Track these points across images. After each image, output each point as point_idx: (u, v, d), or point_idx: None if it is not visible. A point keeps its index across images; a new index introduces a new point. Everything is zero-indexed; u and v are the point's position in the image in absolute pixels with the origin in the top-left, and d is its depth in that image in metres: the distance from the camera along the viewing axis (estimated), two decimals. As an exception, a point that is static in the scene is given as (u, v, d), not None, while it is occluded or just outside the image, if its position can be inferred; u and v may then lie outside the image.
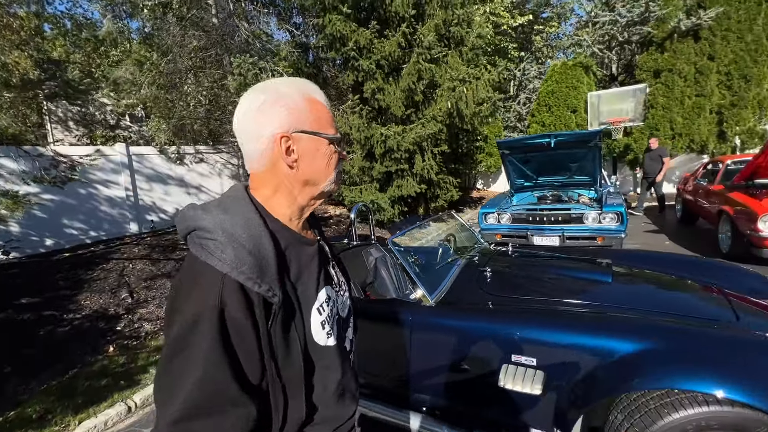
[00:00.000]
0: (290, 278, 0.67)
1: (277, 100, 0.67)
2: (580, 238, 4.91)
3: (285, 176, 0.69)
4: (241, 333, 0.59)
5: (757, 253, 4.39)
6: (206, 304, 0.57)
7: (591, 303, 1.87)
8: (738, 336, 1.51)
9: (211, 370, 0.57)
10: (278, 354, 0.64)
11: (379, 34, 6.20)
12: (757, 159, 4.69)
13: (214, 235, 0.59)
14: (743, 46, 8.10)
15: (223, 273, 0.58)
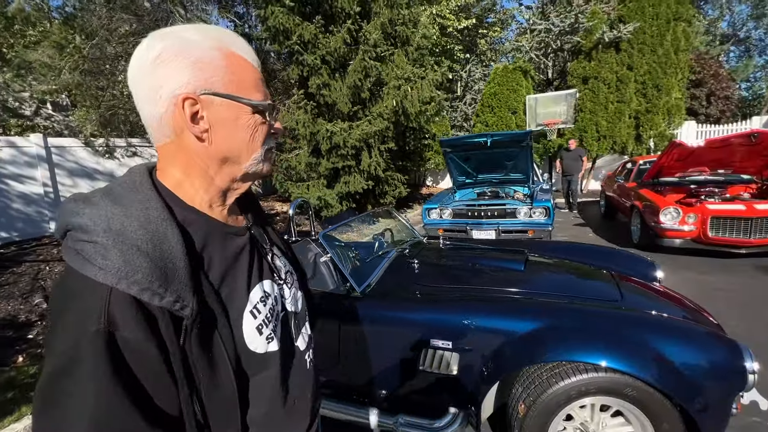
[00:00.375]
0: (210, 280, 0.53)
1: (180, 50, 0.50)
2: (513, 232, 5.25)
3: (195, 152, 0.54)
4: (143, 359, 0.45)
5: (660, 242, 4.98)
6: (85, 331, 0.43)
7: (504, 289, 2.04)
8: (618, 313, 1.74)
9: (103, 410, 0.42)
10: (200, 375, 0.50)
11: (324, 29, 6.15)
12: (660, 160, 5.31)
13: (93, 236, 0.45)
14: (656, 58, 9.08)
15: (109, 286, 0.44)
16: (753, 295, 3.60)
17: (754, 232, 4.37)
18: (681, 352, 1.47)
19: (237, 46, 0.55)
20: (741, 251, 4.51)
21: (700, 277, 4.17)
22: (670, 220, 4.73)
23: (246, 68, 0.56)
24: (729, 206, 4.50)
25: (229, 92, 0.53)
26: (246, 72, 0.56)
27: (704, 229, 4.58)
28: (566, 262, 2.49)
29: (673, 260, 4.78)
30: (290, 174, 7.11)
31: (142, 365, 0.45)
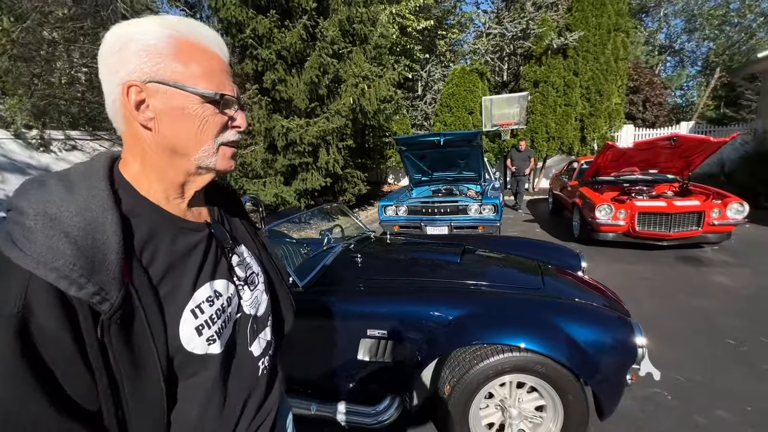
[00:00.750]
0: (150, 275, 0.51)
1: (132, 38, 0.50)
2: (465, 227, 5.47)
3: (145, 141, 0.54)
4: (57, 349, 0.44)
5: (596, 236, 5.39)
6: (4, 313, 0.42)
7: (439, 280, 2.17)
8: (534, 300, 1.90)
9: (10, 398, 0.41)
10: (118, 371, 0.47)
11: (280, 24, 6.06)
12: (596, 160, 5.74)
13: (24, 219, 0.44)
14: (598, 65, 9.75)
15: (29, 271, 0.43)
16: (669, 282, 4.01)
17: (673, 226, 4.85)
18: (583, 332, 1.65)
19: (195, 35, 0.54)
20: (663, 243, 5.00)
21: (628, 267, 4.57)
22: (604, 215, 5.13)
23: (202, 57, 0.54)
24: (653, 203, 4.95)
25: (176, 81, 0.52)
26: (201, 61, 0.54)
27: (633, 224, 5.01)
28: (500, 254, 2.67)
29: (608, 252, 5.20)
30: (246, 170, 6.95)
31: (55, 355, 0.44)
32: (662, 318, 3.19)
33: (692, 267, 4.44)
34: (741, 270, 4.25)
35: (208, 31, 0.57)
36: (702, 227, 4.80)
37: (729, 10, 24.67)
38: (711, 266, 4.43)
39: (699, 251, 5.03)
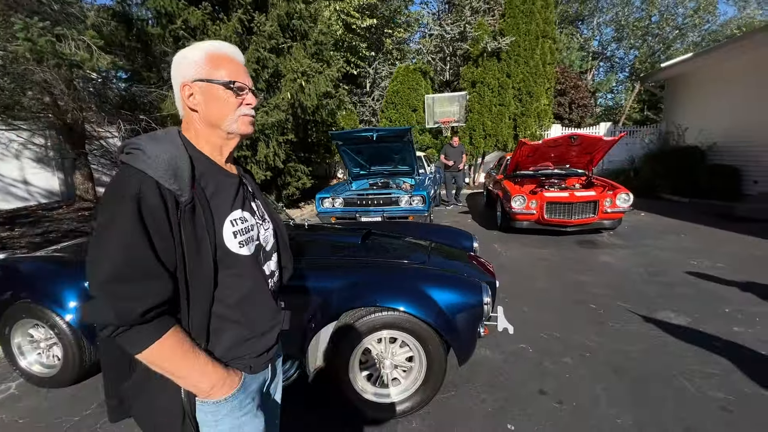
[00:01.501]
0: (205, 191, 0.82)
1: (185, 57, 0.84)
2: (397, 218, 5.83)
3: (195, 119, 0.86)
4: (156, 217, 0.73)
5: (514, 225, 5.98)
6: (128, 193, 0.72)
7: (339, 257, 2.46)
8: (414, 270, 2.25)
9: (131, 242, 0.71)
10: (188, 245, 0.77)
11: (214, 16, 6.03)
12: (514, 156, 6.35)
13: (140, 147, 0.76)
14: (528, 69, 10.56)
15: (144, 171, 0.74)
16: (563, 262, 4.61)
17: (574, 213, 5.53)
18: (441, 295, 2.00)
19: (219, 49, 0.86)
20: (568, 229, 5.68)
21: (534, 250, 5.16)
22: (518, 205, 5.72)
23: (223, 62, 0.85)
24: (558, 194, 5.60)
25: (207, 77, 0.83)
26: (223, 64, 0.85)
27: (542, 213, 5.65)
28: (399, 236, 3.01)
29: (522, 239, 5.80)
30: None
31: (154, 221, 0.73)
32: (548, 291, 3.73)
33: (586, 249, 5.12)
34: (623, 251, 4.97)
35: (229, 46, 0.89)
36: (597, 214, 5.52)
37: (651, 22, 27.18)
38: (601, 248, 5.13)
39: (597, 236, 5.77)
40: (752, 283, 3.65)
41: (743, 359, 2.42)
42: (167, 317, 0.77)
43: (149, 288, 0.73)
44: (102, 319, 0.72)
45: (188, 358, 0.79)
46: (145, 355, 0.76)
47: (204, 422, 0.85)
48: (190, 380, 0.81)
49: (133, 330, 0.73)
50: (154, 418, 0.87)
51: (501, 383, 2.30)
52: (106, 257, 0.71)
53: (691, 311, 3.12)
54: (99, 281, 0.71)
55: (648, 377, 2.29)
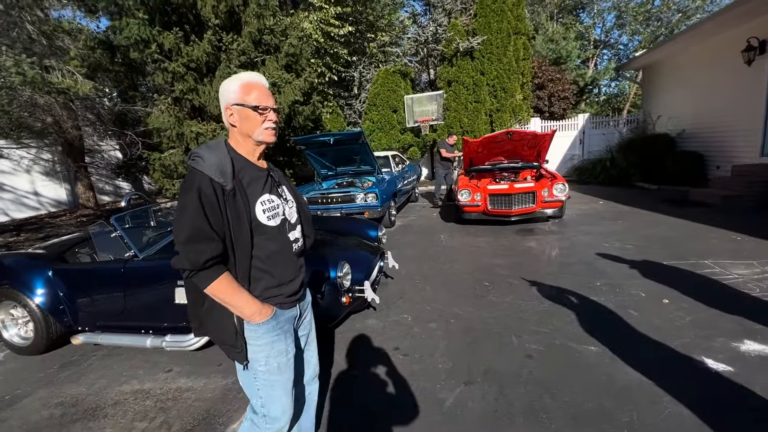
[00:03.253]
0: (242, 182, 1.20)
1: (226, 87, 1.23)
2: (354, 214, 6.39)
3: (235, 132, 1.26)
4: (210, 202, 1.12)
5: (463, 216, 6.45)
6: (194, 186, 1.12)
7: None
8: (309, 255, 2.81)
9: (196, 219, 1.11)
10: (232, 219, 1.16)
11: (186, 39, 6.73)
12: (464, 153, 6.79)
13: (198, 155, 1.17)
14: (501, 66, 10.89)
15: (202, 171, 1.13)
16: (491, 248, 5.06)
17: (514, 204, 5.96)
18: (311, 272, 2.56)
19: (250, 79, 1.25)
20: (512, 219, 6.10)
21: (473, 239, 5.62)
22: (465, 198, 6.19)
23: (254, 89, 1.24)
24: (499, 186, 6.04)
25: (241, 102, 1.22)
26: (252, 90, 1.23)
27: (486, 205, 6.10)
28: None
29: (471, 229, 6.26)
30: (169, 172, 7.59)
31: (211, 206, 1.13)
32: (459, 272, 4.22)
33: (520, 236, 5.55)
34: (552, 236, 5.38)
35: (257, 76, 1.29)
36: (536, 204, 5.93)
37: (653, 6, 26.69)
38: (534, 235, 5.55)
39: (540, 225, 6.17)
40: (645, 261, 4.05)
41: (573, 321, 2.89)
42: (222, 266, 1.18)
43: (208, 246, 1.13)
44: (181, 265, 1.15)
45: (236, 293, 1.20)
46: (209, 289, 1.17)
47: (249, 338, 1.28)
48: (237, 308, 1.22)
49: (201, 273, 1.15)
50: (220, 333, 1.28)
51: (370, 343, 2.85)
52: (184, 227, 1.11)
53: (568, 285, 3.57)
54: (179, 242, 1.12)
55: (487, 335, 2.80)
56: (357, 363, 2.59)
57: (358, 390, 2.30)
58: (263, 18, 7.74)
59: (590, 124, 11.85)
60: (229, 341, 1.27)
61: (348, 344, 2.85)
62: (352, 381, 2.40)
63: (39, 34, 5.63)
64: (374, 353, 2.70)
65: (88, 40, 6.31)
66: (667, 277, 3.53)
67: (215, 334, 1.30)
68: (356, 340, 2.91)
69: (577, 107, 24.78)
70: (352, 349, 2.77)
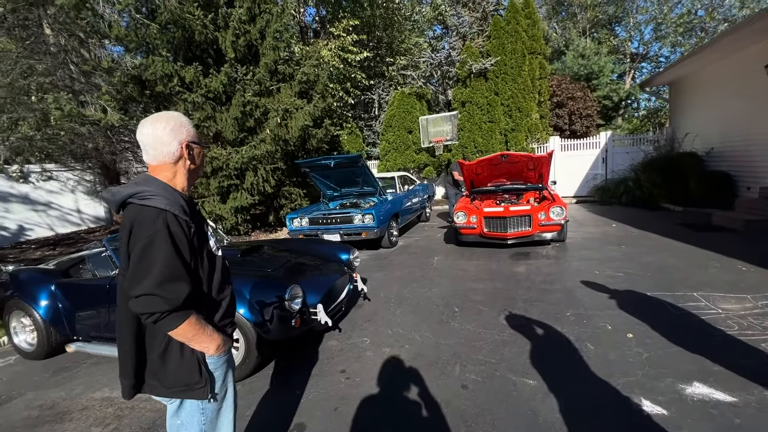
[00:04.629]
0: (195, 216, 1.22)
1: (181, 126, 1.24)
2: (352, 234, 6.57)
3: (187, 168, 1.26)
4: (180, 239, 1.12)
5: (461, 238, 6.43)
6: (159, 225, 1.08)
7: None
8: (260, 279, 3.00)
9: (170, 257, 1.08)
10: (197, 253, 1.19)
11: (205, 72, 7.38)
12: (463, 175, 6.80)
13: (152, 193, 1.12)
14: (516, 86, 10.84)
15: (165, 209, 1.10)
16: (479, 272, 5.02)
17: (510, 227, 5.87)
18: (259, 295, 2.74)
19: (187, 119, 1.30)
20: (508, 242, 6.00)
21: (464, 262, 5.59)
22: (460, 221, 6.18)
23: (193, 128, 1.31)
24: (495, 209, 5.99)
25: (196, 141, 1.29)
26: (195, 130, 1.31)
27: (482, 227, 6.06)
28: (274, 251, 3.78)
29: (468, 252, 6.23)
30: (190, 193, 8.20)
31: (180, 242, 1.13)
32: (435, 296, 4.23)
33: (513, 260, 5.45)
34: (545, 262, 5.24)
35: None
36: (533, 227, 5.81)
37: (695, 17, 25.52)
38: (527, 259, 5.43)
39: (540, 248, 6.02)
40: (628, 291, 3.87)
41: (524, 352, 2.84)
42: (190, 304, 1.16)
43: (182, 285, 1.11)
44: (158, 308, 1.08)
45: (204, 329, 1.20)
46: (178, 330, 1.14)
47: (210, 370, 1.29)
48: (203, 344, 1.22)
49: (173, 314, 1.11)
50: (181, 374, 1.23)
51: (320, 364, 2.96)
52: (156, 269, 1.07)
53: (537, 314, 3.50)
54: (153, 285, 1.06)
55: (434, 363, 2.82)
56: (298, 383, 2.70)
57: (283, 407, 2.41)
58: (278, 50, 8.32)
59: (613, 142, 11.40)
60: (193, 380, 1.24)
61: (298, 363, 2.97)
62: (283, 398, 2.51)
63: (79, 74, 6.45)
64: (319, 374, 2.81)
65: (122, 76, 7.09)
66: (644, 310, 3.37)
67: (174, 378, 1.23)
68: (308, 360, 3.03)
69: (610, 123, 23.85)
70: (298, 369, 2.90)
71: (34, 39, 7.24)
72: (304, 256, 3.71)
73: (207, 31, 7.52)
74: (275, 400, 2.53)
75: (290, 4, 9.13)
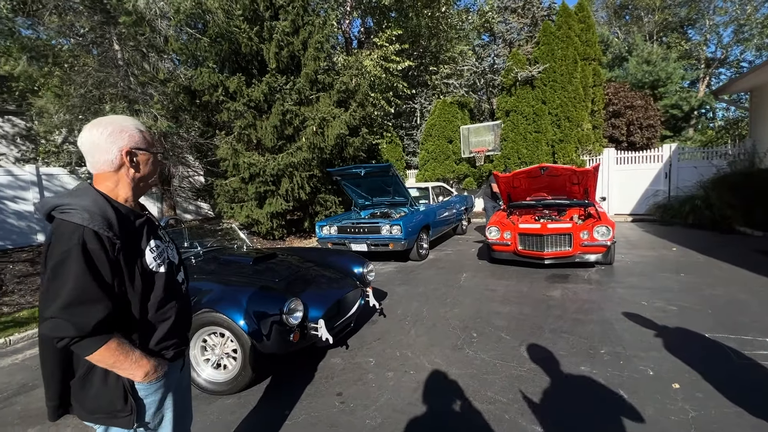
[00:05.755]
0: (128, 231, 1.10)
1: (124, 131, 1.14)
2: (379, 245, 6.42)
3: (131, 177, 1.16)
4: (98, 258, 1.01)
5: (493, 255, 6.03)
6: (73, 242, 0.98)
7: (223, 273, 3.29)
8: (261, 290, 2.93)
9: (82, 278, 0.98)
10: (125, 272, 1.07)
11: (248, 82, 7.69)
12: (499, 188, 6.39)
13: (73, 207, 1.02)
14: (566, 94, 10.15)
15: (83, 225, 0.99)
16: (508, 293, 4.63)
17: (546, 246, 5.39)
18: (257, 306, 2.67)
19: (140, 124, 1.21)
20: (544, 262, 5.51)
21: (494, 281, 5.20)
22: (493, 236, 5.80)
23: (147, 134, 1.21)
24: (530, 225, 5.53)
25: (143, 147, 1.18)
26: (148, 136, 1.21)
27: (516, 244, 5.62)
28: (287, 261, 3.71)
29: (499, 270, 5.82)
30: (233, 197, 8.57)
31: (98, 261, 1.01)
32: (455, 317, 3.93)
33: (547, 283, 4.97)
34: (585, 287, 4.71)
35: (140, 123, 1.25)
36: (573, 247, 5.28)
37: (787, 15, 22.74)
38: (565, 283, 4.93)
39: (581, 271, 5.46)
40: (681, 330, 3.32)
41: (542, 393, 2.49)
42: (109, 328, 1.05)
43: (96, 308, 1.01)
44: (65, 333, 0.98)
45: (128, 354, 1.09)
46: (95, 356, 1.04)
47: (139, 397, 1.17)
48: (128, 371, 1.10)
49: (86, 339, 1.01)
50: (103, 400, 1.13)
51: (318, 384, 2.81)
52: (64, 290, 0.97)
53: (565, 348, 3.10)
54: (59, 307, 0.97)
55: (437, 395, 2.56)
56: (289, 403, 2.58)
57: (266, 428, 2.29)
58: (319, 60, 8.48)
59: (678, 155, 10.25)
60: (116, 408, 1.13)
61: (294, 380, 2.85)
62: (269, 418, 2.39)
63: (137, 84, 7.01)
64: (314, 394, 2.66)
65: (175, 86, 7.59)
66: (698, 354, 2.84)
67: (95, 404, 1.14)
68: (305, 376, 2.90)
69: (679, 135, 21.67)
70: (293, 386, 2.77)
71: (105, 54, 8.00)
72: (316, 267, 3.61)
73: (252, 43, 7.86)
74: (260, 420, 2.42)
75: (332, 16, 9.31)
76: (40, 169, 8.44)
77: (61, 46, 8.80)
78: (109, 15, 7.05)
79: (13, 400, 2.88)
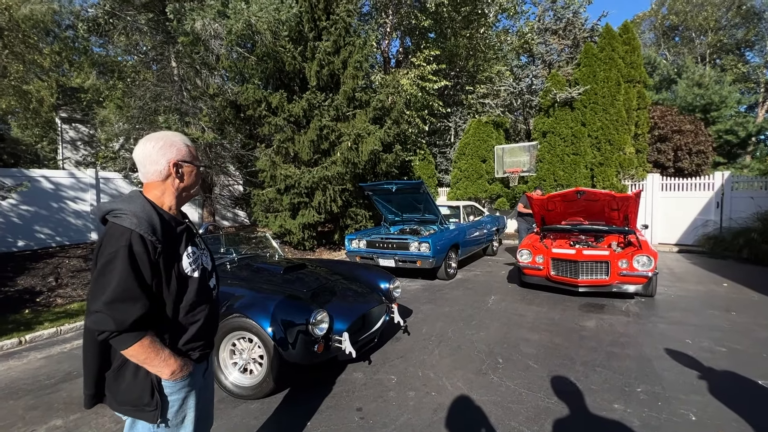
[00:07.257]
0: (169, 237, 1.20)
1: (172, 145, 1.26)
2: (407, 261, 6.41)
3: (176, 187, 1.28)
4: (141, 259, 1.11)
5: (524, 279, 5.85)
6: (121, 244, 1.09)
7: (255, 281, 3.42)
8: (272, 296, 3.00)
9: (126, 277, 1.08)
10: (163, 275, 1.17)
11: (289, 98, 8.07)
12: (533, 210, 6.24)
13: (124, 212, 1.13)
14: (608, 116, 9.84)
15: (131, 229, 1.10)
16: (536, 321, 4.46)
17: (581, 273, 5.16)
18: (284, 315, 2.75)
19: (186, 139, 1.34)
20: (578, 289, 5.27)
21: (523, 306, 5.04)
22: (524, 259, 5.64)
23: (191, 149, 1.33)
24: (564, 250, 5.34)
25: (188, 160, 1.30)
26: (192, 150, 1.33)
27: (549, 269, 5.44)
28: (316, 272, 3.79)
29: (529, 294, 5.64)
30: (268, 206, 8.91)
31: (141, 263, 1.12)
32: (481, 341, 3.84)
33: (581, 312, 4.75)
34: (622, 319, 4.46)
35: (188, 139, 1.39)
36: (611, 276, 5.03)
37: None
38: (600, 313, 4.69)
39: (619, 301, 5.18)
40: (729, 373, 3.07)
41: (568, 429, 2.36)
42: (145, 325, 1.15)
43: (135, 306, 1.10)
44: (105, 327, 1.09)
45: (159, 352, 1.18)
46: (129, 351, 1.14)
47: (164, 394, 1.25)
48: (157, 368, 1.19)
49: (123, 334, 1.11)
50: (133, 394, 1.22)
51: (339, 397, 2.83)
52: (109, 287, 1.07)
53: (598, 382, 2.94)
54: (104, 302, 1.07)
55: (458, 420, 2.50)
56: (307, 413, 2.60)
57: (295, 441, 2.31)
58: (357, 78, 8.78)
59: (732, 184, 9.58)
60: (143, 401, 1.22)
61: (315, 391, 2.88)
62: (287, 428, 2.42)
63: (189, 98, 7.56)
64: (334, 407, 2.68)
65: (222, 101, 8.10)
66: (747, 402, 2.61)
67: (125, 396, 1.23)
68: (326, 389, 2.92)
69: (734, 162, 20.28)
70: (313, 397, 2.80)
71: (163, 70, 8.70)
72: (344, 280, 3.67)
73: (295, 61, 8.28)
74: (281, 428, 2.46)
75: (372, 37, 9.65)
76: (99, 172, 9.18)
77: (125, 63, 9.70)
78: (169, 35, 7.71)
79: (59, 387, 3.10)
